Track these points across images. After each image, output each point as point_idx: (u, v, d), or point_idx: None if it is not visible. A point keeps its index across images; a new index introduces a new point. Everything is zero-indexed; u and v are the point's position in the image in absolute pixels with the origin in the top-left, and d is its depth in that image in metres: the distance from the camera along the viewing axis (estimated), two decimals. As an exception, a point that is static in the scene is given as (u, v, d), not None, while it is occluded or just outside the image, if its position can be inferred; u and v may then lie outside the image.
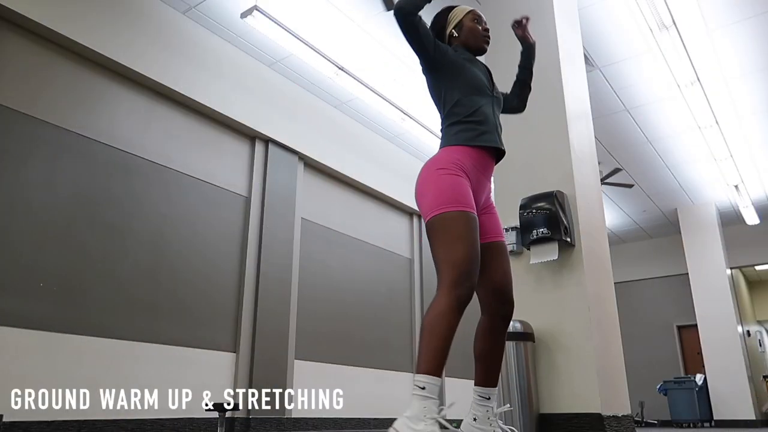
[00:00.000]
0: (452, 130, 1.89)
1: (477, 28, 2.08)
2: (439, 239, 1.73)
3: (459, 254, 1.69)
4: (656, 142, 7.88)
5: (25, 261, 4.15)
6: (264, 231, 5.98)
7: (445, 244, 1.71)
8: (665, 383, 9.55)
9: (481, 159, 1.88)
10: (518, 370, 3.32)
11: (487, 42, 2.10)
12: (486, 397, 1.83)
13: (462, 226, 1.72)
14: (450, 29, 2.09)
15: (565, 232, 3.43)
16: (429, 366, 1.60)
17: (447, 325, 1.63)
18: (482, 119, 1.89)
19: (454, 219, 1.73)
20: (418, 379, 1.61)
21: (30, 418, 3.92)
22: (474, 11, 2.12)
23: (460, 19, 2.09)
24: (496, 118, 1.96)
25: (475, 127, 1.87)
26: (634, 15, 5.45)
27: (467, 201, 1.77)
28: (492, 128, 1.91)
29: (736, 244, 10.76)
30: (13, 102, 4.31)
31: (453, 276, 1.66)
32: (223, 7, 5.49)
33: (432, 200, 1.77)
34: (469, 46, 2.07)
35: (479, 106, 1.90)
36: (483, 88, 1.94)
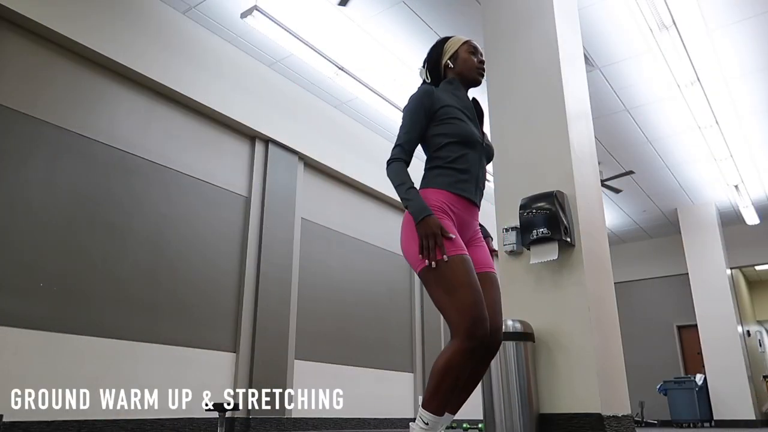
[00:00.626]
0: (433, 173, 1.88)
1: (472, 60, 2.04)
2: (438, 288, 1.70)
3: (467, 300, 1.66)
4: (656, 142, 7.88)
5: (25, 261, 4.15)
6: (264, 231, 5.98)
7: (449, 292, 1.68)
8: (665, 383, 9.55)
9: (462, 202, 1.85)
10: (518, 370, 3.32)
11: (482, 74, 2.05)
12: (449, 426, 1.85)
13: (461, 271, 1.69)
14: (445, 60, 2.06)
15: (565, 232, 3.43)
16: (436, 406, 1.65)
17: (460, 370, 1.66)
18: (464, 168, 1.87)
19: (453, 264, 1.69)
20: (424, 414, 1.66)
21: (30, 418, 3.92)
22: (470, 42, 2.07)
23: (455, 50, 2.05)
24: (480, 169, 1.93)
25: (455, 174, 1.85)
26: (634, 15, 5.45)
27: (457, 243, 1.74)
28: (472, 178, 1.88)
29: (736, 244, 10.76)
30: (13, 102, 4.31)
31: (466, 327, 1.65)
32: (223, 7, 5.49)
33: (415, 253, 1.75)
34: (464, 77, 2.04)
35: (464, 154, 1.88)
36: (471, 139, 1.90)
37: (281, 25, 5.51)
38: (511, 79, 4.06)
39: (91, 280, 4.52)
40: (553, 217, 3.42)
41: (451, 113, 1.90)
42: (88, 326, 4.41)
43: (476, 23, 5.57)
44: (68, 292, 4.35)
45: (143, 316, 4.79)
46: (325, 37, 5.83)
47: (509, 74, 4.08)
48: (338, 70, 6.25)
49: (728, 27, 5.63)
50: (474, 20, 5.54)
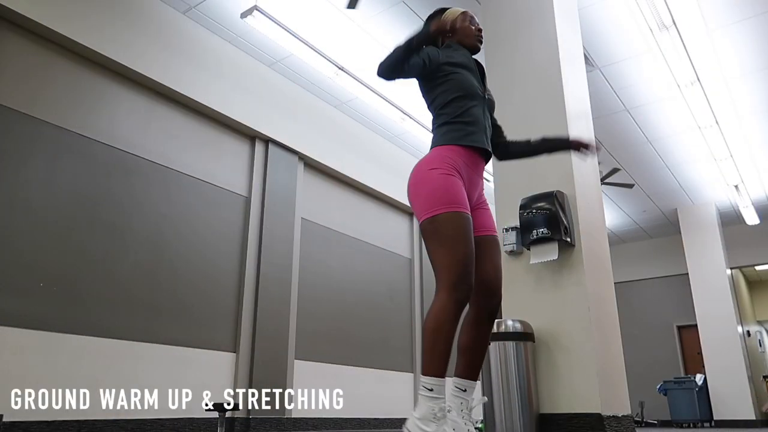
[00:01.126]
0: (442, 129, 1.92)
1: (470, 28, 2.11)
2: (434, 241, 1.76)
3: (456, 256, 1.71)
4: (656, 142, 7.88)
5: (25, 261, 4.15)
6: (264, 231, 5.98)
7: (441, 246, 1.73)
8: (665, 383, 9.55)
9: (472, 157, 1.90)
10: (518, 370, 3.32)
11: (480, 41, 2.12)
12: (463, 389, 1.85)
13: (457, 228, 1.74)
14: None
15: (565, 232, 3.43)
16: (435, 367, 1.64)
17: (449, 326, 1.66)
18: (472, 120, 1.92)
19: (448, 220, 1.74)
20: (425, 381, 1.65)
21: (30, 418, 3.92)
22: (466, 12, 2.13)
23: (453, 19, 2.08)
24: (485, 119, 1.98)
25: (464, 128, 1.90)
26: (634, 15, 5.45)
27: (461, 200, 1.79)
28: (481, 129, 1.93)
29: (736, 244, 10.76)
30: (13, 102, 4.31)
31: (451, 278, 1.69)
32: (223, 7, 5.49)
33: (425, 201, 1.79)
34: (463, 45, 2.10)
35: (469, 107, 1.93)
36: (474, 91, 1.96)
37: (281, 25, 5.51)
38: (511, 79, 4.06)
39: (91, 280, 4.52)
40: (553, 217, 3.42)
41: (453, 69, 1.96)
42: (88, 326, 4.41)
43: (476, 23, 5.57)
44: (68, 292, 4.35)
45: (143, 316, 4.79)
46: (325, 37, 5.83)
47: (509, 74, 4.08)
48: (338, 70, 6.25)
49: (728, 27, 5.63)
50: (474, 20, 5.54)
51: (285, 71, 6.49)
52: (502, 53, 4.17)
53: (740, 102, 6.87)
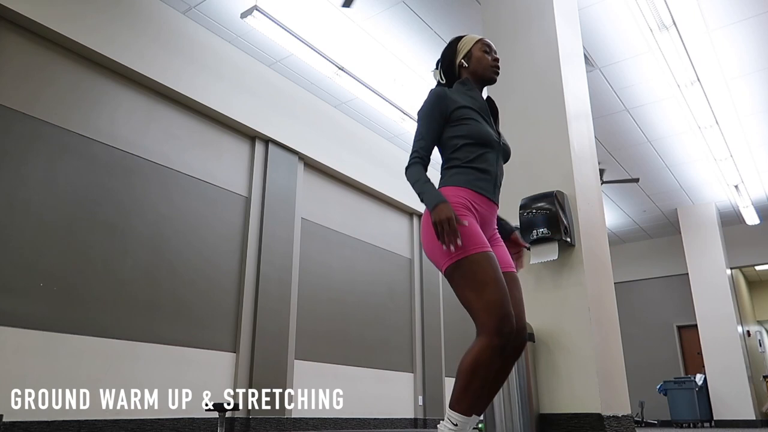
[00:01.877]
0: (450, 172, 1.86)
1: (486, 59, 2.01)
2: (465, 287, 1.69)
3: (492, 298, 1.65)
4: (656, 142, 7.88)
5: (25, 261, 4.15)
6: (264, 231, 5.99)
7: (475, 291, 1.67)
8: (665, 383, 9.55)
9: (482, 199, 1.84)
10: (518, 370, 3.32)
11: (497, 73, 2.02)
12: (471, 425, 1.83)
13: (486, 268, 1.68)
14: (459, 59, 2.03)
15: (565, 232, 3.43)
16: (465, 406, 1.63)
17: (488, 370, 1.64)
18: (483, 168, 1.85)
19: (474, 263, 1.68)
20: (452, 415, 1.63)
21: (30, 418, 3.92)
22: (483, 40, 2.04)
23: (469, 48, 2.02)
24: (497, 168, 1.91)
25: (474, 173, 1.84)
26: (634, 15, 5.45)
27: (483, 240, 1.73)
28: (491, 178, 1.87)
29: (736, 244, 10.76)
30: (14, 102, 4.31)
31: (493, 324, 1.64)
32: (223, 7, 5.49)
33: (442, 250, 1.72)
34: (478, 76, 2.01)
35: (481, 154, 1.86)
36: (489, 139, 1.88)
37: (281, 25, 5.51)
38: (511, 79, 4.06)
39: (91, 280, 4.52)
40: (553, 217, 3.42)
41: (467, 114, 1.87)
42: (88, 326, 4.41)
43: (476, 23, 5.57)
44: (68, 292, 4.35)
45: (143, 316, 4.80)
46: (325, 37, 5.83)
47: (509, 74, 4.08)
48: (338, 70, 6.25)
49: (728, 27, 5.63)
50: (474, 20, 5.54)
51: (285, 71, 6.49)
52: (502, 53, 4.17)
53: (740, 102, 6.87)
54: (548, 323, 3.46)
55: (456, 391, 1.64)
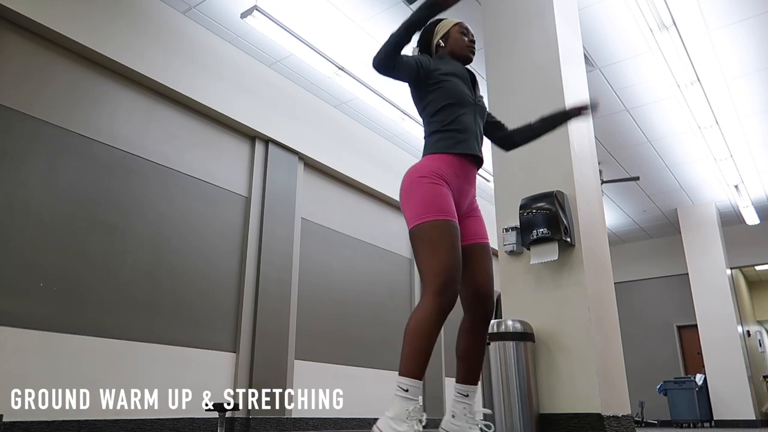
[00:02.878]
0: (433, 138, 1.97)
1: (463, 40, 2.14)
2: (422, 248, 1.79)
3: (442, 262, 1.74)
4: (656, 142, 7.88)
5: (25, 261, 4.15)
6: (264, 231, 5.99)
7: (428, 253, 1.77)
8: (665, 383, 9.56)
9: (462, 166, 1.93)
10: (518, 370, 3.32)
11: (473, 52, 2.15)
12: (465, 395, 1.88)
13: (444, 235, 1.78)
14: (437, 39, 2.16)
15: (565, 232, 3.43)
16: (413, 369, 1.66)
17: (431, 330, 1.69)
18: (462, 128, 1.95)
19: (436, 228, 1.78)
20: (401, 381, 1.66)
21: (30, 418, 3.92)
22: (461, 23, 2.18)
23: (447, 30, 2.16)
24: (476, 126, 2.01)
25: (455, 135, 1.93)
26: (634, 15, 5.45)
27: (448, 209, 1.83)
28: (471, 136, 1.96)
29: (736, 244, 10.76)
30: (13, 102, 4.31)
31: (437, 284, 1.72)
32: (223, 7, 5.49)
33: (414, 209, 1.84)
34: (455, 55, 2.13)
35: (459, 115, 1.96)
36: (464, 99, 1.99)
37: (281, 25, 5.52)
38: (511, 79, 4.06)
39: (91, 280, 4.52)
40: (553, 217, 3.42)
41: (443, 78, 1.99)
42: (88, 326, 4.41)
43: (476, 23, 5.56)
44: (68, 292, 4.35)
45: (143, 316, 4.79)
46: (325, 37, 5.83)
47: (509, 74, 4.08)
48: (338, 70, 6.25)
49: (728, 27, 5.63)
50: (474, 20, 5.53)
51: (285, 71, 6.49)
52: (502, 53, 4.17)
53: (740, 102, 6.87)
54: (548, 323, 3.46)
55: (402, 356, 1.69)
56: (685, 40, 5.68)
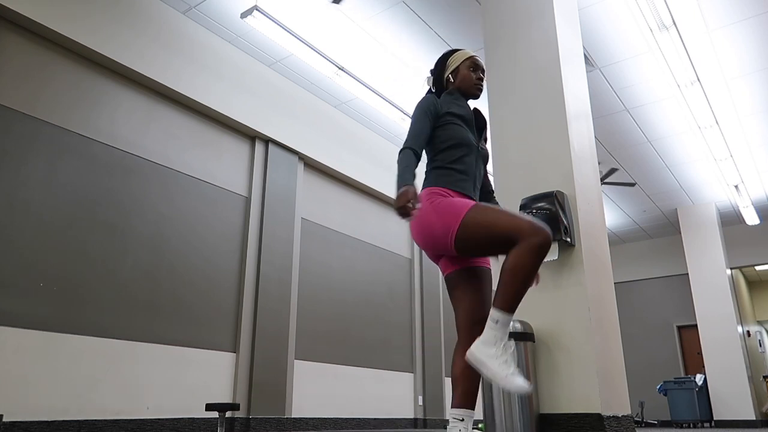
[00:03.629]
0: (435, 173, 2.02)
1: (471, 77, 2.18)
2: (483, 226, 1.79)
3: (511, 216, 1.76)
4: (656, 142, 7.88)
5: (25, 261, 4.15)
6: (264, 231, 5.99)
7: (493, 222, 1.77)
8: (665, 383, 9.56)
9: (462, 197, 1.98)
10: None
11: (480, 90, 2.20)
12: (461, 419, 1.86)
13: (489, 210, 1.80)
14: (447, 74, 2.21)
15: (565, 232, 3.43)
16: (506, 303, 1.71)
17: (531, 268, 1.71)
18: (463, 169, 2.02)
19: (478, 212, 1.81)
20: (494, 313, 1.72)
21: (30, 418, 3.92)
22: (472, 58, 2.21)
23: (457, 65, 2.19)
24: (477, 170, 2.07)
25: (455, 174, 2.00)
26: (634, 15, 5.45)
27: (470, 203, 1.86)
28: (470, 179, 2.03)
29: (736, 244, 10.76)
30: (13, 102, 4.31)
31: (527, 223, 1.73)
32: (223, 7, 5.49)
33: (444, 219, 1.84)
34: (462, 92, 2.19)
35: (462, 156, 2.03)
36: (469, 143, 2.04)
37: (281, 25, 5.52)
38: (511, 79, 4.06)
39: (91, 280, 4.52)
40: (553, 217, 3.42)
41: (452, 120, 2.06)
42: (88, 326, 4.41)
43: (476, 23, 5.57)
44: (68, 292, 4.35)
45: (143, 316, 4.80)
46: (325, 37, 5.83)
47: (509, 74, 4.08)
48: (338, 70, 6.25)
49: (728, 27, 5.63)
50: (474, 20, 5.54)
51: (285, 71, 6.49)
52: (502, 53, 4.18)
53: (740, 102, 6.87)
54: (548, 323, 3.46)
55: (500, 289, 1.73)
56: (685, 40, 5.68)
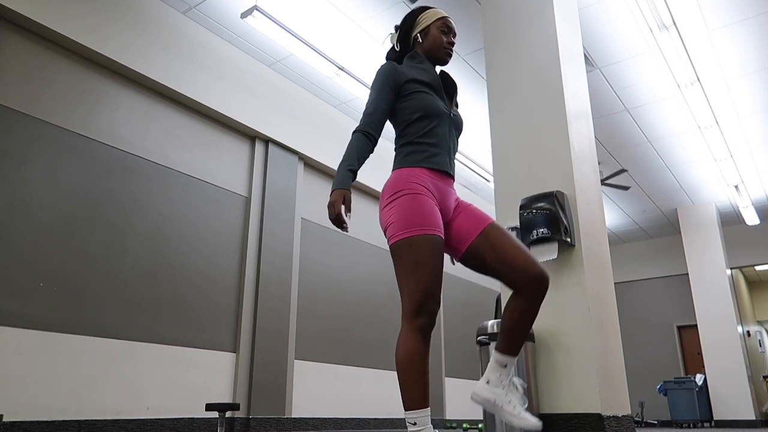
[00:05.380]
0: (404, 150, 1.87)
1: (441, 39, 1.99)
2: (400, 266, 1.71)
3: (417, 283, 1.67)
4: (656, 142, 7.88)
5: (25, 261, 4.15)
6: (264, 231, 5.99)
7: (405, 272, 1.69)
8: (665, 383, 9.56)
9: (437, 175, 1.85)
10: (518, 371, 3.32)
11: (449, 55, 2.02)
12: (503, 365, 1.80)
13: (423, 253, 1.68)
14: (415, 32, 2.02)
15: (565, 232, 3.43)
16: (413, 401, 1.63)
17: (418, 358, 1.63)
18: (435, 141, 1.86)
19: (416, 245, 1.69)
20: (408, 416, 1.64)
21: (30, 418, 3.92)
22: (445, 19, 2.02)
23: (428, 24, 2.01)
24: (450, 139, 1.92)
25: (427, 149, 1.85)
26: (634, 15, 5.45)
27: (431, 221, 1.72)
28: (444, 151, 1.88)
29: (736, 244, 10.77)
30: (13, 102, 4.31)
31: (412, 307, 1.66)
32: (223, 7, 5.49)
33: (395, 224, 1.73)
34: (430, 55, 2.01)
35: (432, 128, 1.87)
36: (438, 111, 1.89)
37: (281, 25, 5.52)
38: (511, 79, 4.06)
39: (91, 280, 4.52)
40: (553, 217, 3.42)
41: (416, 87, 1.89)
42: (88, 326, 4.41)
43: (476, 23, 5.57)
44: (68, 292, 4.35)
45: (143, 316, 4.80)
46: (325, 37, 5.83)
47: (509, 74, 4.08)
48: (338, 70, 6.25)
49: (728, 27, 5.63)
50: (474, 20, 5.54)
51: (285, 71, 6.49)
52: (502, 53, 4.17)
53: (740, 102, 6.87)
54: (548, 323, 3.46)
55: (402, 391, 1.64)
56: (685, 40, 5.68)
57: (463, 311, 9.06)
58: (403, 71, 1.91)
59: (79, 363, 4.29)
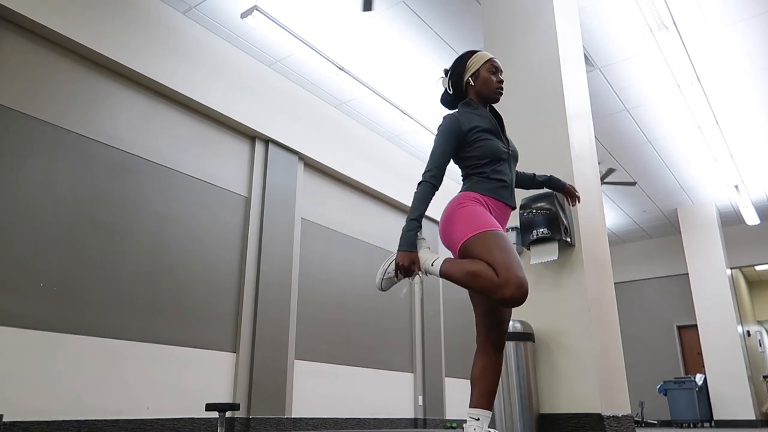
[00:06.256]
0: (472, 179, 2.03)
1: (491, 81, 2.13)
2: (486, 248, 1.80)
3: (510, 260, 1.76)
4: (656, 142, 7.88)
5: (25, 261, 4.15)
6: (264, 231, 5.99)
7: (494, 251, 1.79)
8: (665, 383, 9.56)
9: (499, 205, 2.01)
10: (518, 370, 3.32)
11: (500, 94, 2.16)
12: (476, 418, 1.88)
13: (505, 240, 1.82)
14: (467, 77, 2.15)
15: (565, 232, 3.43)
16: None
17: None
18: (500, 177, 2.02)
19: (495, 235, 1.82)
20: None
21: (30, 418, 3.92)
22: (492, 61, 2.16)
23: (477, 68, 2.14)
24: (511, 175, 2.08)
25: (493, 182, 2.01)
26: (634, 15, 5.45)
27: (494, 224, 1.87)
28: (508, 186, 2.04)
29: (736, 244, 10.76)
30: (12, 101, 4.31)
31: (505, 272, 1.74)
32: (223, 7, 5.49)
33: (461, 229, 1.87)
34: (482, 96, 2.14)
35: (498, 169, 2.03)
36: (500, 153, 2.04)
37: (281, 25, 5.52)
38: (511, 79, 4.05)
39: (91, 280, 4.52)
40: (553, 217, 3.42)
41: (480, 136, 2.03)
42: (88, 326, 4.41)
43: (476, 23, 5.57)
44: (68, 292, 4.35)
45: (143, 317, 4.79)
46: (325, 37, 5.83)
47: (509, 74, 4.08)
48: (338, 70, 6.25)
49: (729, 27, 5.63)
50: (474, 20, 5.54)
51: (285, 71, 6.49)
52: (502, 53, 4.17)
53: (740, 102, 6.87)
54: (548, 323, 3.46)
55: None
56: (685, 40, 5.68)
57: (463, 312, 9.06)
58: (464, 122, 2.04)
59: (79, 363, 4.29)
